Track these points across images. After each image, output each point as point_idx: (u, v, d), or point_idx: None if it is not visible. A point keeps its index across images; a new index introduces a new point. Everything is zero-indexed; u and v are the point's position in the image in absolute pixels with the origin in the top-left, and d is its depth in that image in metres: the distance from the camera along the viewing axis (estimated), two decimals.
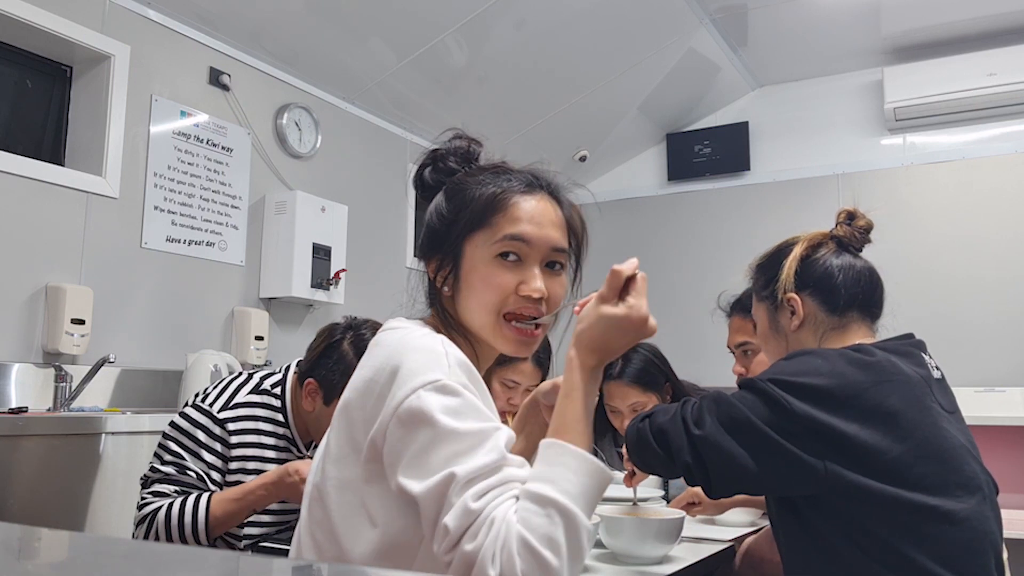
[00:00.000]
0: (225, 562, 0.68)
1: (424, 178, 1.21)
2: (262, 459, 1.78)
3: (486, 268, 1.09)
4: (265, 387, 1.81)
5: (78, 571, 0.63)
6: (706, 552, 1.65)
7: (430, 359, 0.99)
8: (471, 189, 1.13)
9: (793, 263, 1.47)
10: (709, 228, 4.83)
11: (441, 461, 0.92)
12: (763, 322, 1.55)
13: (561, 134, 4.58)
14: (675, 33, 4.06)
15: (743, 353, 2.09)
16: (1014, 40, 4.03)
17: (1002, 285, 3.98)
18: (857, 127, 4.52)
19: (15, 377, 2.47)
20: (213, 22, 3.13)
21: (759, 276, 1.57)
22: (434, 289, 1.14)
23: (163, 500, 1.66)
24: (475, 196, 1.12)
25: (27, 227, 2.56)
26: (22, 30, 2.63)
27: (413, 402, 0.95)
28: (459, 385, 0.97)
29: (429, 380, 0.96)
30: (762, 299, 1.55)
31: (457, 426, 0.93)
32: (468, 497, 0.88)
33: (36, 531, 0.75)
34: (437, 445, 0.93)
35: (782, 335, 1.50)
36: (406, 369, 0.98)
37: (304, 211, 3.33)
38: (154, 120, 2.96)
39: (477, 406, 0.97)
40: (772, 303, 1.51)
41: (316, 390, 1.77)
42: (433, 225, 1.15)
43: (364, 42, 3.50)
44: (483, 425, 0.95)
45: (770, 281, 1.51)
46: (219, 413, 1.74)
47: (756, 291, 1.58)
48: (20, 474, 2.07)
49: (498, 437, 0.94)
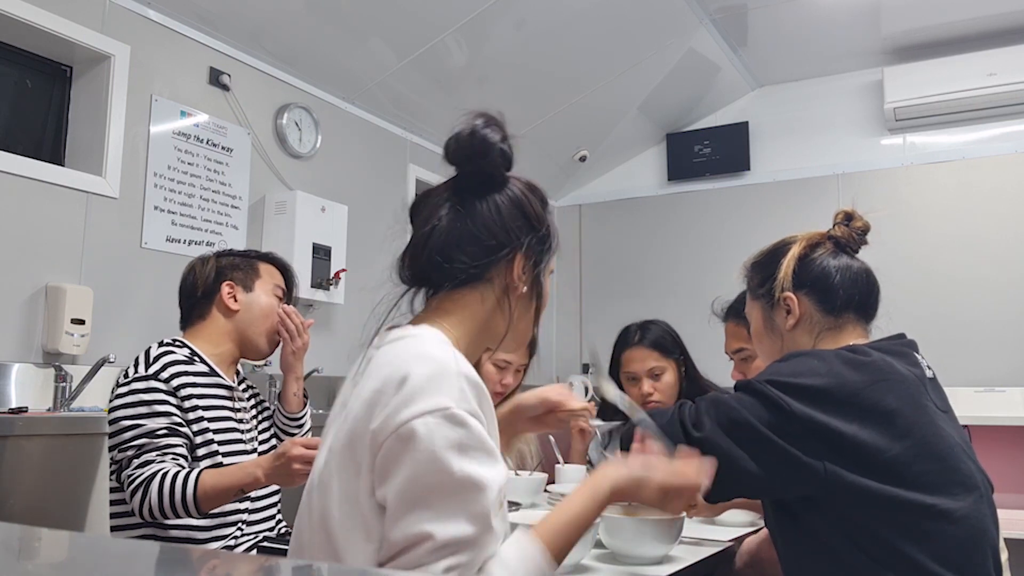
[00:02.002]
0: (224, 562, 0.67)
1: (502, 149, 1.18)
2: (201, 396, 1.85)
3: (528, 306, 1.19)
4: (165, 343, 1.91)
5: (78, 571, 0.63)
6: (706, 552, 1.65)
7: (440, 377, 0.98)
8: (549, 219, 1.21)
9: (791, 262, 1.46)
10: (709, 228, 4.83)
11: (426, 508, 0.93)
12: (757, 321, 1.54)
13: (561, 134, 4.58)
14: (675, 33, 4.06)
15: (741, 360, 2.09)
16: (1014, 40, 4.02)
17: (1002, 285, 3.98)
18: (857, 127, 4.52)
19: (15, 377, 2.47)
20: (213, 22, 3.13)
21: (754, 275, 1.56)
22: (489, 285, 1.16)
23: (151, 467, 1.67)
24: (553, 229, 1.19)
25: (27, 227, 2.55)
26: (22, 30, 2.63)
27: (418, 427, 0.94)
28: (467, 413, 0.96)
29: (439, 407, 0.95)
30: (757, 297, 1.54)
31: (456, 469, 0.93)
32: (439, 568, 0.91)
33: (36, 531, 0.75)
34: (430, 484, 0.93)
35: (777, 334, 1.49)
36: (414, 384, 0.97)
37: (304, 211, 3.33)
38: (154, 120, 2.95)
39: (482, 439, 0.97)
40: (767, 302, 1.50)
41: (233, 287, 1.96)
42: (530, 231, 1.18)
43: (364, 42, 3.50)
44: (478, 474, 0.95)
45: (766, 280, 1.50)
46: (147, 371, 1.79)
47: (751, 290, 1.57)
48: (20, 474, 2.07)
49: (488, 497, 0.95)
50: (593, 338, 5.11)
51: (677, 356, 2.44)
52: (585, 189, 5.30)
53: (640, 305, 4.91)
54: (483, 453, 0.96)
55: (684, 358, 2.46)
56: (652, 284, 4.87)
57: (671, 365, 2.42)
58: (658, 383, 2.41)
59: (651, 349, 2.40)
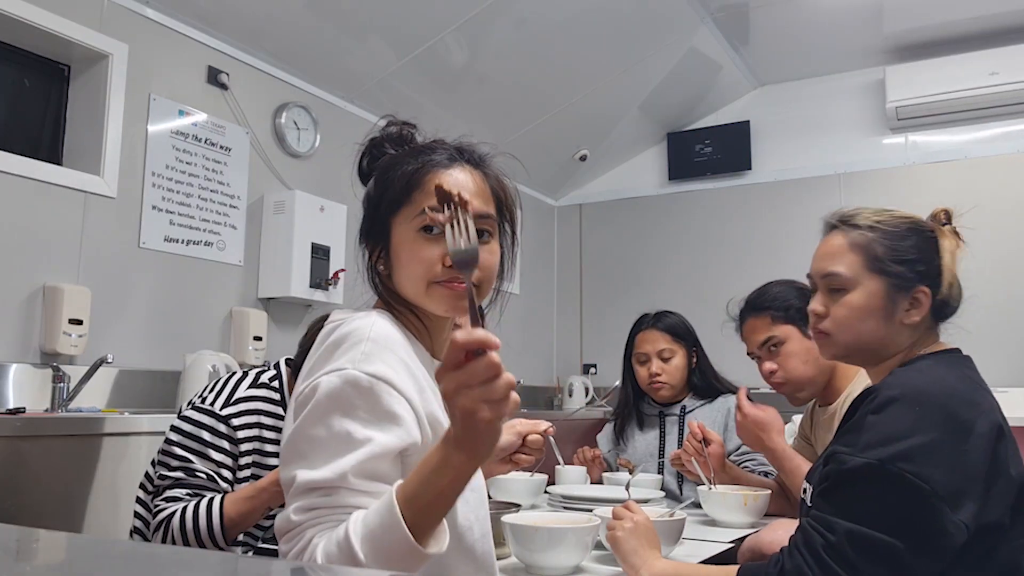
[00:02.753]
0: (224, 563, 0.67)
1: (362, 167, 1.25)
2: (263, 452, 1.77)
3: (411, 244, 1.12)
4: (263, 381, 1.82)
5: (76, 573, 0.62)
6: (706, 552, 1.64)
7: (346, 342, 1.03)
8: (393, 170, 1.17)
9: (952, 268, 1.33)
10: (710, 228, 4.82)
11: (301, 456, 0.97)
12: (873, 295, 1.33)
13: (561, 134, 4.57)
14: (676, 32, 4.06)
15: (768, 351, 2.01)
16: (1016, 39, 4.02)
17: (1003, 285, 3.97)
18: (859, 126, 4.51)
19: (12, 377, 2.46)
20: (211, 21, 3.12)
21: (885, 242, 1.34)
22: (375, 271, 1.18)
23: (176, 504, 1.64)
24: (396, 176, 1.16)
25: (24, 227, 2.54)
26: (20, 29, 2.62)
27: (316, 385, 1.00)
28: (363, 374, 0.99)
29: (336, 368, 1.00)
30: (882, 272, 1.33)
31: (334, 423, 0.97)
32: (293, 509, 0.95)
33: (34, 532, 0.74)
34: (309, 435, 0.98)
35: (889, 321, 1.32)
36: (323, 351, 1.04)
37: (303, 211, 3.32)
38: (152, 119, 2.94)
39: (374, 401, 0.99)
40: (897, 284, 1.32)
41: None
42: (365, 209, 1.21)
43: (363, 41, 3.49)
44: (358, 432, 0.97)
45: (903, 260, 1.32)
46: (221, 410, 1.73)
47: (874, 256, 1.34)
48: (18, 475, 2.06)
49: (360, 452, 0.96)
50: (593, 338, 5.11)
51: (688, 344, 2.52)
52: (585, 189, 5.30)
53: (640, 305, 4.90)
54: (373, 415, 0.98)
55: (696, 348, 2.54)
56: (652, 284, 4.86)
57: (681, 350, 2.50)
58: (667, 365, 2.49)
59: (663, 332, 2.49)
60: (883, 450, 1.15)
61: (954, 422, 1.17)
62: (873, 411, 1.20)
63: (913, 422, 1.16)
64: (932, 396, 1.20)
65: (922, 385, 1.22)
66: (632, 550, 1.42)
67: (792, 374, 1.96)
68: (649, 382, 2.49)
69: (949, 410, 1.18)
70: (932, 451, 1.14)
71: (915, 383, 1.22)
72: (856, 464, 1.16)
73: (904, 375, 1.27)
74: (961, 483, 1.14)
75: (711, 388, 2.51)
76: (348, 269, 3.50)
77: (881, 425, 1.18)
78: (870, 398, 1.23)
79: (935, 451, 1.14)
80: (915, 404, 1.18)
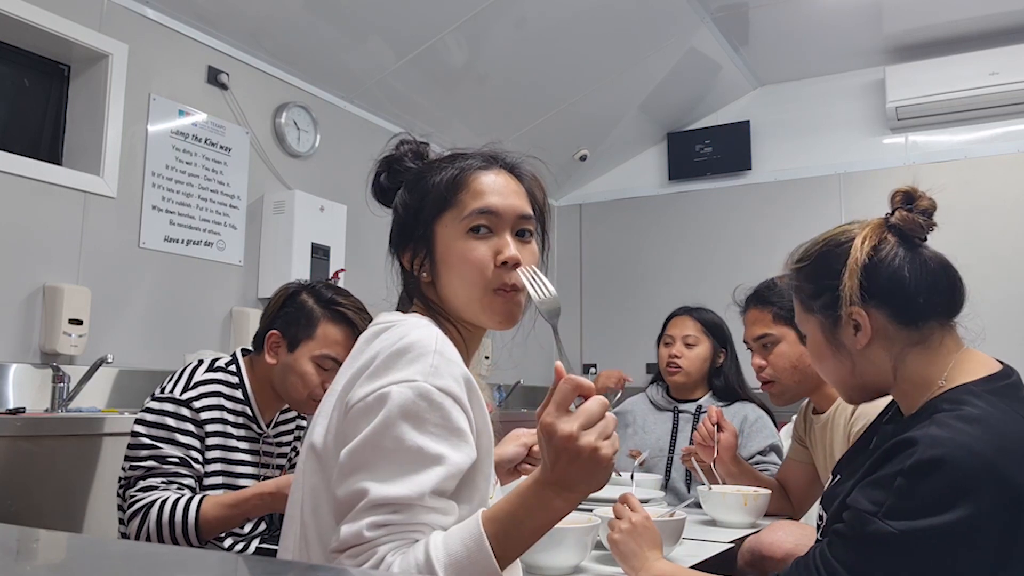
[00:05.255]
0: (223, 564, 0.66)
1: (382, 184, 1.23)
2: (227, 435, 1.80)
3: (461, 245, 1.10)
4: (219, 366, 1.84)
5: (76, 573, 0.62)
6: (706, 553, 1.64)
7: (413, 352, 1.00)
8: (431, 175, 1.16)
9: (855, 274, 1.18)
10: (710, 228, 4.82)
11: (370, 469, 0.93)
12: (816, 336, 1.26)
13: (561, 134, 4.57)
14: (676, 32, 4.06)
15: (762, 346, 2.01)
16: (1017, 39, 4.02)
17: (1003, 285, 3.97)
18: (859, 126, 4.51)
19: (12, 378, 2.46)
20: (211, 21, 3.12)
21: (804, 283, 1.27)
22: (412, 279, 1.15)
23: (154, 494, 1.65)
24: (436, 180, 1.14)
25: (24, 227, 2.54)
26: (20, 29, 2.62)
27: (383, 395, 0.96)
28: (436, 389, 0.96)
29: (407, 379, 0.97)
30: (812, 311, 1.26)
31: (408, 438, 0.94)
32: (366, 524, 0.91)
33: (34, 532, 0.74)
34: (379, 447, 0.94)
35: (844, 354, 1.22)
36: (388, 358, 0.99)
37: (303, 211, 3.32)
38: (152, 119, 2.94)
39: (447, 417, 0.96)
40: (828, 316, 1.23)
41: (279, 340, 1.81)
42: (401, 217, 1.18)
43: (363, 41, 3.49)
44: (432, 448, 0.94)
45: (822, 290, 1.23)
46: (181, 395, 1.75)
47: (802, 301, 1.28)
48: (18, 475, 2.06)
49: (436, 472, 0.94)
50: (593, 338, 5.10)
51: (716, 341, 2.53)
52: (585, 189, 5.30)
53: (640, 305, 4.92)
54: (444, 431, 0.96)
55: (725, 349, 2.55)
56: (653, 284, 4.86)
57: (707, 342, 2.52)
58: (688, 351, 2.51)
59: (695, 321, 2.53)
60: (913, 523, 1.02)
61: (1010, 491, 1.01)
62: (907, 474, 1.04)
63: (955, 492, 1.01)
64: (979, 455, 1.02)
65: (968, 442, 1.04)
66: (632, 552, 1.42)
67: (780, 375, 1.95)
68: (666, 363, 2.52)
69: (1000, 472, 1.02)
70: (974, 528, 1.00)
71: (960, 441, 1.04)
72: (880, 531, 1.03)
73: (949, 427, 1.06)
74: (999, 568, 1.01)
75: (732, 392, 2.50)
76: (348, 269, 3.50)
77: (917, 492, 1.03)
78: (906, 453, 1.06)
79: (979, 528, 1.00)
80: (958, 469, 1.02)
